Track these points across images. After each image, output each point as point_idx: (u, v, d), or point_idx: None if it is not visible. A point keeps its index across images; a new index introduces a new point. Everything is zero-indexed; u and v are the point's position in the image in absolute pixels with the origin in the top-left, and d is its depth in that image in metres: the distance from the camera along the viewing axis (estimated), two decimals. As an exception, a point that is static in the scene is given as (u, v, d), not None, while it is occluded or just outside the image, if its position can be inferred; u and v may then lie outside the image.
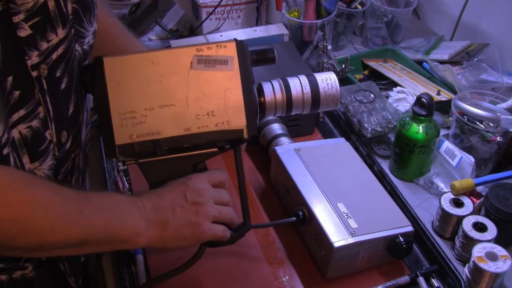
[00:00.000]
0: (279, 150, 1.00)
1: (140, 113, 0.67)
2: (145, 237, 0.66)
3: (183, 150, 0.70)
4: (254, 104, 0.71)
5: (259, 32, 1.32)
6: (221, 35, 1.30)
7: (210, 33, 1.40)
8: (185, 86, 0.68)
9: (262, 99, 0.75)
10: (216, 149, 0.72)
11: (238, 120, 0.69)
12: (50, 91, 0.63)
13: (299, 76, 0.78)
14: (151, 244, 0.68)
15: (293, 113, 0.77)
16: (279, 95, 0.76)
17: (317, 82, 0.76)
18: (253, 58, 0.73)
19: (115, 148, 0.67)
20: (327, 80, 0.76)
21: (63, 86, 0.66)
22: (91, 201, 0.63)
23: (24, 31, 0.58)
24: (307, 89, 0.76)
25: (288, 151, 0.99)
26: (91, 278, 0.93)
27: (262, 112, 0.76)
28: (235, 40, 0.70)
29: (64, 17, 0.64)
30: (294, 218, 0.90)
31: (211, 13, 1.42)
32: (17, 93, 0.58)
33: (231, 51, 0.69)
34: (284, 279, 0.88)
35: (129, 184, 1.03)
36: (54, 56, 0.63)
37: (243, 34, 1.31)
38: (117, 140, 0.67)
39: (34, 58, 0.60)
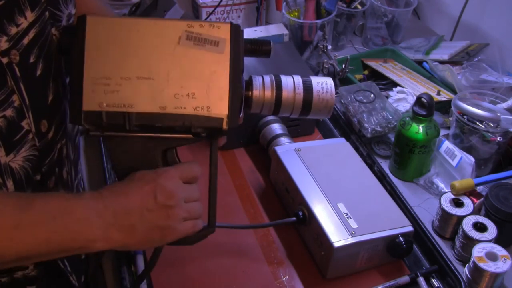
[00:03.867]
0: (279, 150, 1.00)
1: (115, 81, 0.62)
2: (104, 242, 0.61)
3: (154, 130, 0.64)
4: (240, 95, 0.66)
5: (259, 32, 1.32)
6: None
7: (210, 33, 1.40)
8: (168, 61, 0.63)
9: (250, 92, 0.69)
10: (191, 135, 0.65)
11: (219, 108, 0.63)
12: (24, 78, 0.60)
13: (294, 75, 0.72)
14: (112, 248, 0.63)
15: (280, 114, 0.72)
16: (268, 91, 0.70)
17: (311, 83, 0.71)
18: (247, 47, 0.68)
19: (81, 113, 0.62)
20: (323, 84, 0.71)
21: (38, 72, 0.63)
22: (33, 211, 0.57)
23: None
24: (300, 89, 0.70)
25: (288, 151, 0.99)
26: (91, 278, 0.92)
27: (248, 107, 0.70)
28: (231, 23, 0.65)
29: None
30: (294, 218, 0.90)
31: (211, 13, 1.42)
32: None
33: (224, 33, 0.64)
34: (284, 279, 0.88)
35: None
36: (26, 41, 0.60)
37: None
38: (85, 106, 0.62)
39: (3, 43, 0.57)
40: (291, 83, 0.70)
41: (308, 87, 0.70)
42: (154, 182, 0.63)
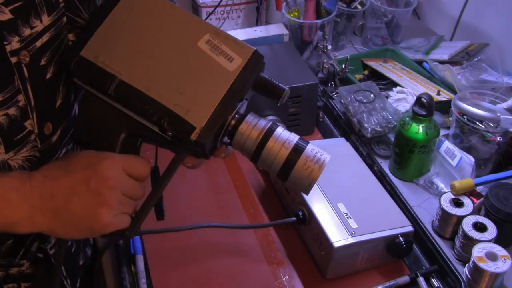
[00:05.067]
0: (279, 150, 0.99)
1: (122, 46, 0.62)
2: (28, 225, 0.58)
3: (129, 106, 0.62)
4: (224, 117, 0.61)
5: (259, 32, 1.32)
6: (221, 35, 1.30)
7: (210, 33, 1.40)
8: (178, 52, 0.62)
9: (237, 123, 0.64)
10: (158, 129, 0.61)
11: (198, 116, 0.59)
12: (32, 80, 0.61)
13: (294, 134, 0.66)
14: (39, 231, 0.60)
15: (259, 163, 0.65)
16: (256, 132, 0.64)
17: (305, 146, 0.64)
18: (260, 81, 0.65)
19: (77, 57, 0.61)
20: (317, 154, 0.65)
21: (49, 75, 0.64)
22: None
23: (4, 15, 0.56)
24: (289, 145, 0.64)
25: (288, 151, 0.99)
26: (91, 278, 0.92)
27: (228, 135, 0.65)
28: (256, 50, 0.63)
29: (51, 4, 0.62)
30: (294, 218, 0.90)
31: (211, 13, 1.42)
32: None
33: (244, 56, 0.62)
34: (284, 279, 0.88)
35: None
36: (39, 43, 0.61)
37: (243, 34, 1.31)
38: (83, 51, 0.61)
39: (14, 43, 0.58)
40: (284, 136, 0.65)
41: (299, 147, 0.64)
42: (92, 168, 0.58)
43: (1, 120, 0.59)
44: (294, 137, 0.65)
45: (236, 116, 0.64)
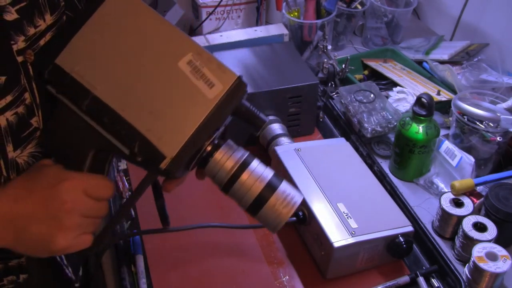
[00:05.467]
0: (279, 150, 1.00)
1: (99, 57, 0.58)
2: None
3: (100, 123, 0.59)
4: (198, 147, 0.58)
5: (259, 32, 1.32)
6: (221, 35, 1.30)
7: (210, 33, 1.40)
8: (157, 70, 0.58)
9: (213, 151, 0.62)
10: (128, 152, 0.58)
11: (170, 145, 0.57)
12: (37, 77, 0.62)
13: (270, 169, 0.64)
14: (3, 247, 0.60)
15: (230, 193, 0.63)
16: (231, 162, 0.62)
17: (278, 185, 0.62)
18: (241, 109, 0.61)
19: (51, 64, 0.59)
20: (290, 195, 0.62)
21: None
22: None
23: (11, 15, 0.57)
24: (263, 181, 0.62)
25: (288, 151, 0.99)
26: (91, 278, 0.92)
27: (203, 164, 0.63)
28: (239, 77, 0.58)
29: (54, 3, 0.63)
30: (294, 218, 0.90)
31: (211, 13, 1.42)
32: (3, 78, 0.58)
33: (225, 82, 0.58)
34: (284, 279, 0.88)
35: (129, 184, 1.04)
36: (42, 42, 0.62)
37: (243, 34, 1.31)
38: (59, 60, 0.59)
39: (20, 43, 0.59)
40: (259, 171, 0.63)
41: (272, 185, 0.62)
42: (52, 190, 0.58)
43: (11, 119, 0.60)
44: (268, 173, 0.63)
45: (214, 142, 0.62)
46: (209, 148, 0.62)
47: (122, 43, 0.59)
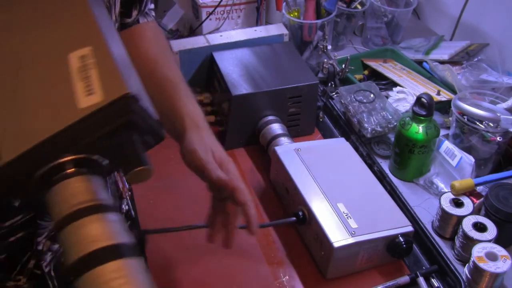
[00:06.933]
0: (279, 150, 1.00)
1: None
2: None
3: None
4: (43, 160, 0.44)
5: (259, 32, 1.32)
6: (221, 35, 1.30)
7: (210, 33, 1.40)
8: (41, 52, 0.48)
9: (70, 173, 0.45)
10: None
11: (8, 147, 0.44)
12: None
13: (132, 233, 0.49)
14: None
15: (58, 236, 0.44)
16: (82, 197, 0.45)
17: (123, 255, 0.42)
18: (124, 140, 0.46)
19: None
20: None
21: None
22: None
23: None
24: (108, 241, 0.42)
25: (288, 151, 0.99)
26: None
27: (44, 184, 0.46)
28: (128, 94, 0.44)
29: None
30: (294, 218, 0.90)
31: (211, 13, 1.42)
32: None
33: (108, 94, 0.44)
34: (284, 279, 0.88)
35: (129, 184, 1.03)
36: None
37: (243, 34, 1.31)
38: None
39: None
40: (114, 227, 0.44)
41: (118, 251, 0.42)
42: None
43: None
44: (122, 237, 0.43)
45: (75, 167, 0.46)
46: (69, 169, 0.45)
47: (26, 9, 0.49)
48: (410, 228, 0.87)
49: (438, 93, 1.25)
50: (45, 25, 0.49)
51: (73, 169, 0.45)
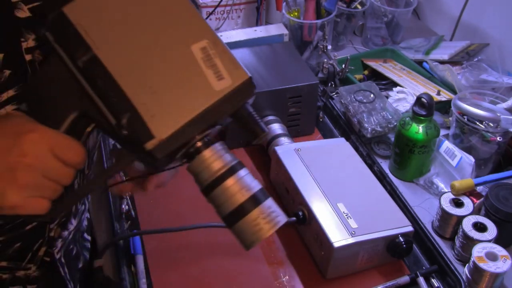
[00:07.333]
0: (279, 150, 1.00)
1: (110, 16, 0.54)
2: None
3: (91, 84, 0.54)
4: (187, 136, 0.53)
5: (259, 32, 1.32)
6: (221, 35, 1.30)
7: (210, 33, 1.40)
8: (167, 46, 0.54)
9: (203, 147, 0.56)
10: (114, 122, 0.52)
11: (161, 126, 0.51)
12: (37, 21, 0.59)
13: (259, 187, 0.57)
14: None
15: (210, 197, 0.58)
16: (219, 163, 0.56)
17: (264, 199, 0.57)
18: (242, 112, 0.57)
19: (57, 11, 0.53)
20: (275, 213, 0.58)
21: None
22: None
23: (23, 13, 0.57)
24: (248, 191, 0.56)
25: (288, 151, 0.99)
26: (91, 279, 0.92)
27: (187, 156, 0.57)
28: (250, 78, 0.56)
29: None
30: (294, 218, 0.90)
31: (211, 13, 1.42)
32: (7, 72, 0.57)
33: (234, 79, 0.54)
34: (284, 279, 0.88)
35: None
36: None
37: (243, 34, 1.31)
38: (67, 8, 0.53)
39: (30, 41, 0.59)
40: (247, 180, 0.57)
41: (257, 198, 0.56)
42: (16, 137, 0.51)
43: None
44: (256, 186, 0.57)
45: (205, 139, 0.57)
46: (199, 144, 0.56)
47: (139, 11, 0.55)
48: (410, 228, 0.87)
49: (438, 93, 1.25)
50: (163, 22, 0.55)
51: (200, 143, 0.56)
